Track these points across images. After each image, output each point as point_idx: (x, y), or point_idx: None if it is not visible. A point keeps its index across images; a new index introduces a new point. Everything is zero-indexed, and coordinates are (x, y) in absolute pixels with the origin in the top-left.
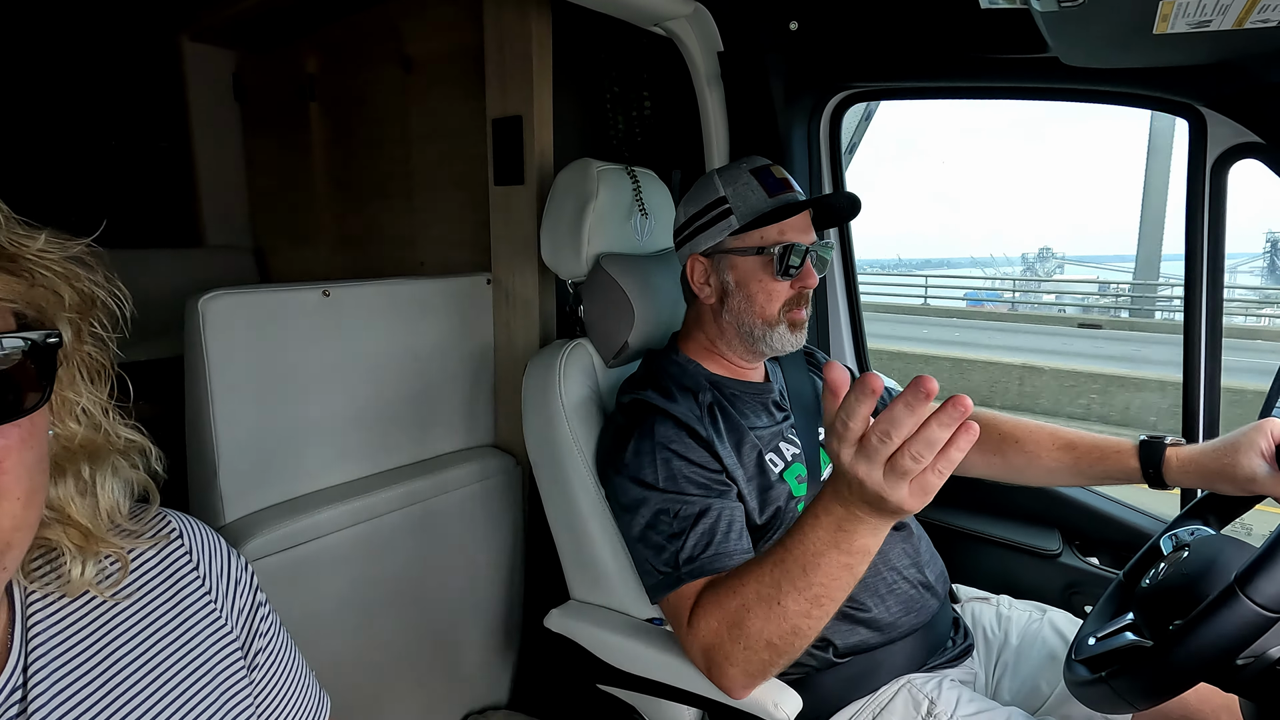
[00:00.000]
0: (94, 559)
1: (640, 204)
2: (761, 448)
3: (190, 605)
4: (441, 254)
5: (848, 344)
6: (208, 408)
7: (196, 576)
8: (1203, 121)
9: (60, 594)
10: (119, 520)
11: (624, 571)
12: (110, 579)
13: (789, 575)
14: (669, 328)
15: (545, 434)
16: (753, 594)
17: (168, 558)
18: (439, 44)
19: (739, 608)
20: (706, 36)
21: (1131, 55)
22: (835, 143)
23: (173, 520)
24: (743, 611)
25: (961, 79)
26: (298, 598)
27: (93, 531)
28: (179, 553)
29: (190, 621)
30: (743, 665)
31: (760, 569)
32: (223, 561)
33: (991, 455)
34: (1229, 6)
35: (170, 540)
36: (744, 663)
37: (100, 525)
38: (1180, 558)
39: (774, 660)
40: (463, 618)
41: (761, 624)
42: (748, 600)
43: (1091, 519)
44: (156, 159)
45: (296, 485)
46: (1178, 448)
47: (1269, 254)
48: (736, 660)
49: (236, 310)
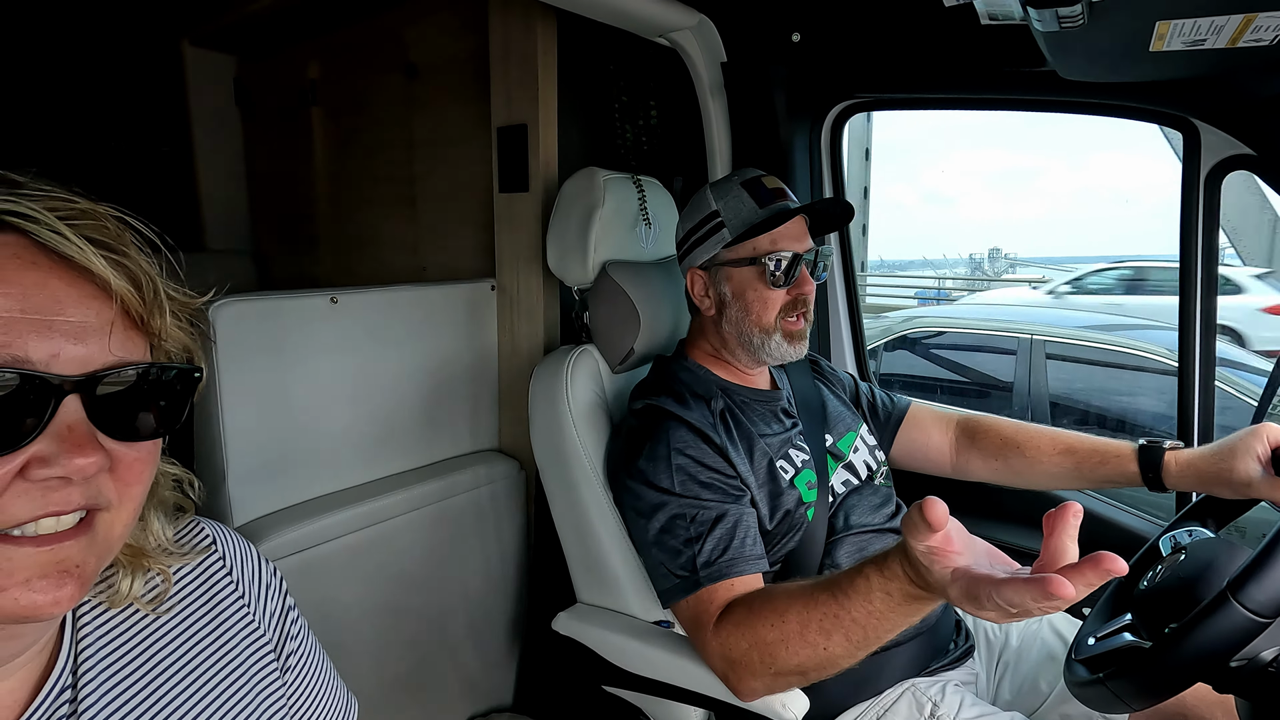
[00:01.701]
0: (142, 574)
1: (645, 213)
2: (772, 455)
3: (227, 611)
4: (443, 260)
5: (848, 348)
6: (216, 412)
7: (231, 583)
8: (1196, 134)
9: (107, 604)
10: (164, 543)
11: (632, 575)
12: (154, 594)
13: (841, 625)
14: (675, 334)
15: (553, 439)
16: (795, 631)
17: (205, 567)
18: (443, 51)
19: (777, 640)
20: (710, 47)
21: (1127, 70)
22: (836, 152)
23: (208, 529)
24: (780, 645)
25: (961, 90)
26: (303, 602)
27: (143, 551)
28: (215, 561)
29: (227, 626)
30: (766, 683)
31: (808, 610)
32: (254, 567)
33: (993, 460)
34: (1223, 27)
35: (207, 550)
36: (769, 682)
37: (149, 546)
38: (1177, 560)
39: (800, 682)
40: (467, 620)
41: (798, 657)
42: (788, 635)
43: (1090, 521)
44: (158, 163)
45: (303, 489)
46: (1176, 451)
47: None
48: (761, 677)
49: (246, 316)
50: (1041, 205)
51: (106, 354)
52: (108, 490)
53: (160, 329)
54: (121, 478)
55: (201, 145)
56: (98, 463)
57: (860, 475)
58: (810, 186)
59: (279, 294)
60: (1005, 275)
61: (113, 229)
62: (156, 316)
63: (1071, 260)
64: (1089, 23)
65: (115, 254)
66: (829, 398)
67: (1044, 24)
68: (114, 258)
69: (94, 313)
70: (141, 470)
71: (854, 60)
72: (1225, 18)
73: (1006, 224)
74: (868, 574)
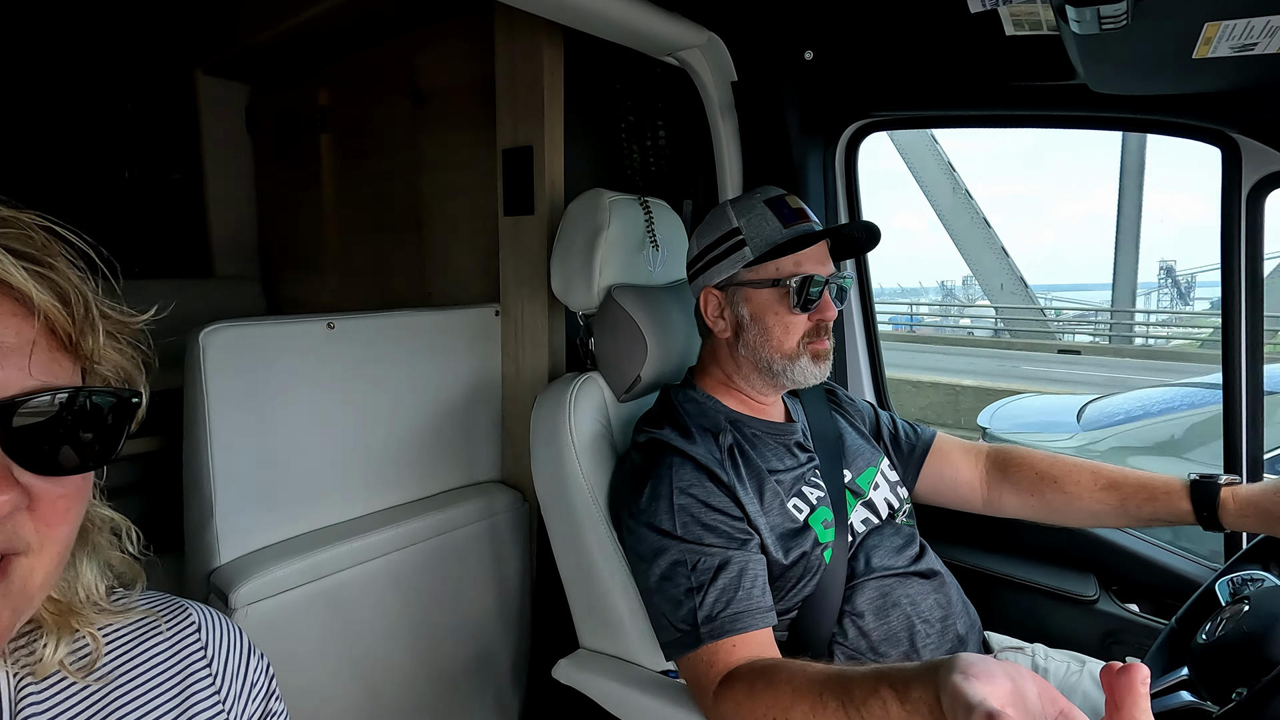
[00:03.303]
0: (69, 636)
1: (652, 235)
2: (783, 493)
3: (195, 701)
4: (450, 285)
5: (866, 378)
6: (206, 444)
7: (209, 675)
8: (1236, 149)
9: (30, 674)
10: (97, 598)
11: (637, 620)
12: (84, 660)
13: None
14: (684, 361)
15: (554, 471)
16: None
17: (181, 649)
18: (450, 76)
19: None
20: (720, 66)
21: (1163, 81)
22: (852, 172)
23: (194, 613)
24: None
25: (984, 107)
26: (296, 643)
27: (71, 608)
28: (193, 647)
29: (190, 716)
30: None
31: (821, 702)
32: (240, 661)
33: (1028, 496)
34: (1279, 29)
35: (186, 633)
36: None
37: (76, 602)
38: (1241, 611)
39: None
40: (466, 664)
41: None
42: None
43: (1130, 562)
44: (169, 190)
45: (295, 524)
46: (1234, 487)
47: (1162, 280)
48: None
49: (238, 343)
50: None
51: (26, 378)
52: (25, 532)
53: (92, 350)
54: (43, 517)
55: (212, 172)
56: (12, 500)
57: (881, 514)
58: (825, 209)
59: (273, 320)
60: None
61: (38, 239)
62: (88, 337)
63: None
64: (1131, 24)
65: (40, 266)
66: (847, 430)
67: (1082, 26)
68: (38, 270)
69: (12, 331)
70: (66, 509)
71: (869, 77)
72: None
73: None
74: (885, 699)
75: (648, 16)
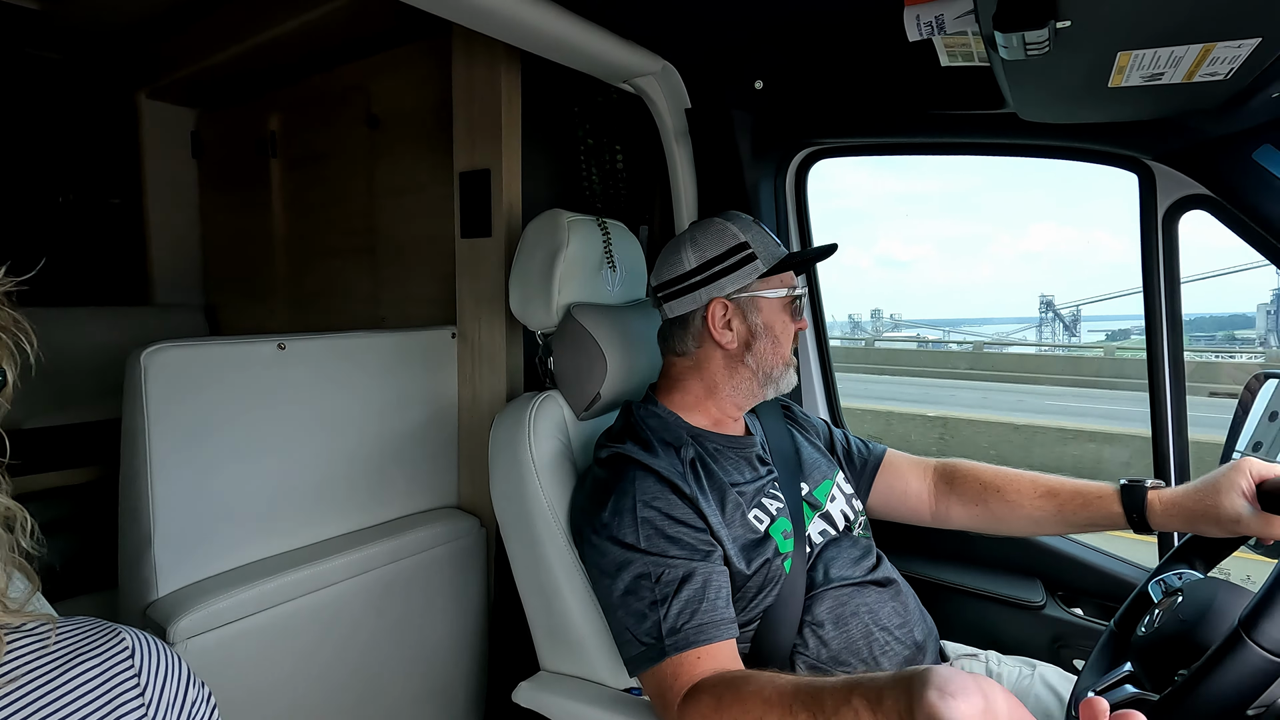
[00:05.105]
0: None
1: (610, 256)
2: (744, 505)
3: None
4: (404, 310)
5: (819, 393)
6: (145, 470)
7: (140, 705)
8: (1151, 175)
9: None
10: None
11: (599, 638)
12: None
13: None
14: (644, 378)
15: (514, 491)
16: None
17: (110, 677)
18: (407, 100)
19: None
20: (674, 94)
21: (1085, 110)
22: (801, 197)
23: (128, 638)
24: None
25: (922, 135)
26: (240, 677)
27: None
28: (126, 674)
29: None
30: None
31: (791, 714)
32: (177, 690)
33: (973, 506)
34: (1182, 59)
35: (118, 658)
36: None
37: None
38: (1174, 603)
39: None
40: (422, 694)
41: None
42: None
43: (1073, 568)
44: (107, 215)
45: (240, 554)
46: (1159, 491)
47: (1044, 314)
48: None
49: (183, 364)
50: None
51: None
52: None
53: None
54: None
55: (154, 197)
56: None
57: (838, 526)
58: (777, 231)
59: (220, 340)
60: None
61: None
62: None
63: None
64: (1053, 51)
65: None
66: (803, 444)
67: (1009, 51)
68: None
69: None
70: None
71: (814, 107)
72: (1185, 48)
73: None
74: (857, 709)
75: (604, 44)
